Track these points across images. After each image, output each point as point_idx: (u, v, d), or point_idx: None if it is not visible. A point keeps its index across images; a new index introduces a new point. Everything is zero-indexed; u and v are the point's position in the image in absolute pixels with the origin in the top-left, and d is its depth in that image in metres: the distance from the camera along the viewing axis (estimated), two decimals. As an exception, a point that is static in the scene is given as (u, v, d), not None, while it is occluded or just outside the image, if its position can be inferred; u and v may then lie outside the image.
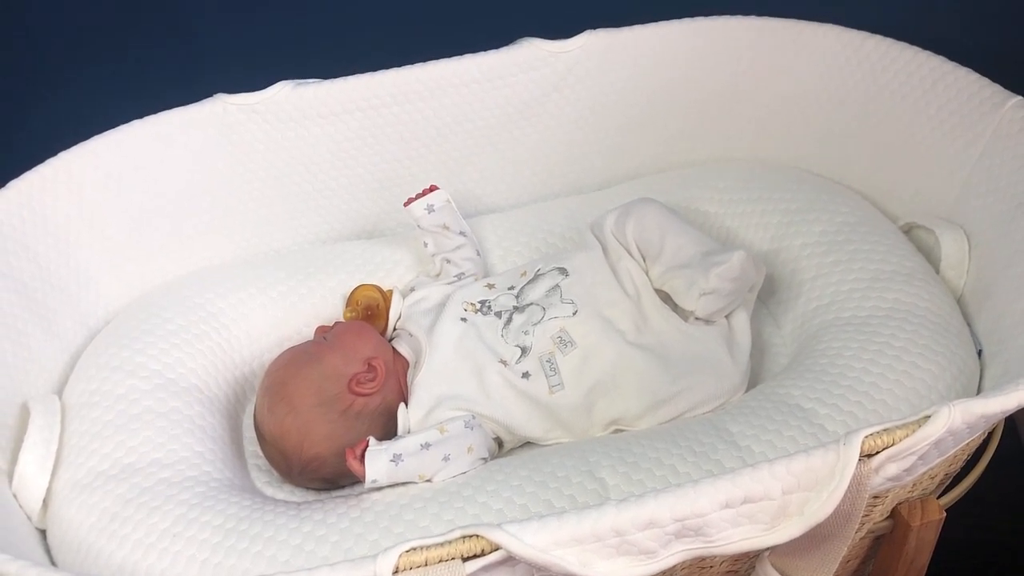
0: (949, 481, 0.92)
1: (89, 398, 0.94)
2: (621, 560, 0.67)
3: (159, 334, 1.01)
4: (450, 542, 0.65)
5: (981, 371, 0.96)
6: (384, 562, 0.64)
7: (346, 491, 0.96)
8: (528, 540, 0.65)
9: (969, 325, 1.00)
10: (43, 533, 0.88)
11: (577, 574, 0.66)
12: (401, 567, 0.64)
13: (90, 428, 0.91)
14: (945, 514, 0.86)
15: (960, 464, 0.90)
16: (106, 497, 0.85)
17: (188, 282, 1.09)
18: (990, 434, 0.93)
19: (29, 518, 0.87)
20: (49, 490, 0.88)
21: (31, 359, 0.96)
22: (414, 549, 0.65)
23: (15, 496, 0.86)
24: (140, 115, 1.04)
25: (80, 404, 0.94)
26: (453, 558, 0.65)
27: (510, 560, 0.66)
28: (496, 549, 0.65)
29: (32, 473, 0.87)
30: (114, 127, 1.03)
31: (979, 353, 0.97)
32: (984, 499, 0.97)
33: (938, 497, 0.89)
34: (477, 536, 0.65)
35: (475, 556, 0.65)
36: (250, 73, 1.09)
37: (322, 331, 1.02)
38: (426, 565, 0.64)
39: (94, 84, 1.22)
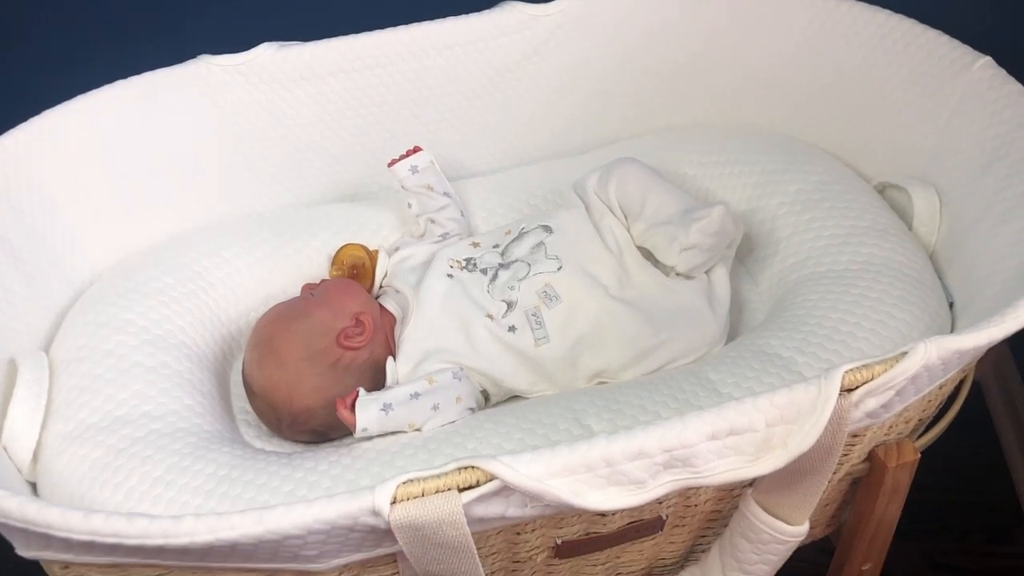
0: (922, 428, 0.95)
1: (77, 354, 0.94)
2: (612, 490, 0.69)
3: (146, 292, 1.01)
4: (446, 473, 0.67)
5: (953, 322, 0.99)
6: (382, 493, 0.65)
7: (336, 442, 0.97)
8: (522, 470, 0.66)
9: (940, 278, 1.03)
10: (33, 486, 0.88)
11: (569, 502, 0.67)
12: (399, 498, 0.65)
13: (79, 382, 0.91)
14: (920, 455, 0.90)
15: (933, 409, 0.94)
16: (97, 448, 0.86)
17: (173, 242, 1.09)
18: (958, 387, 0.96)
19: (19, 471, 0.87)
20: (39, 443, 0.88)
21: (16, 316, 0.95)
22: (411, 481, 0.66)
23: (4, 449, 0.86)
24: (124, 76, 1.04)
25: (68, 360, 0.94)
26: (449, 489, 0.66)
27: (504, 490, 0.67)
28: (491, 480, 0.67)
29: (21, 426, 0.87)
30: (97, 87, 1.03)
31: (951, 305, 1.00)
32: (950, 458, 1.00)
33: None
34: (473, 467, 0.67)
35: (470, 487, 0.67)
36: (234, 35, 1.10)
37: (309, 288, 1.03)
38: (423, 496, 0.66)
39: (79, 43, 1.22)
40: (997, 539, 1.42)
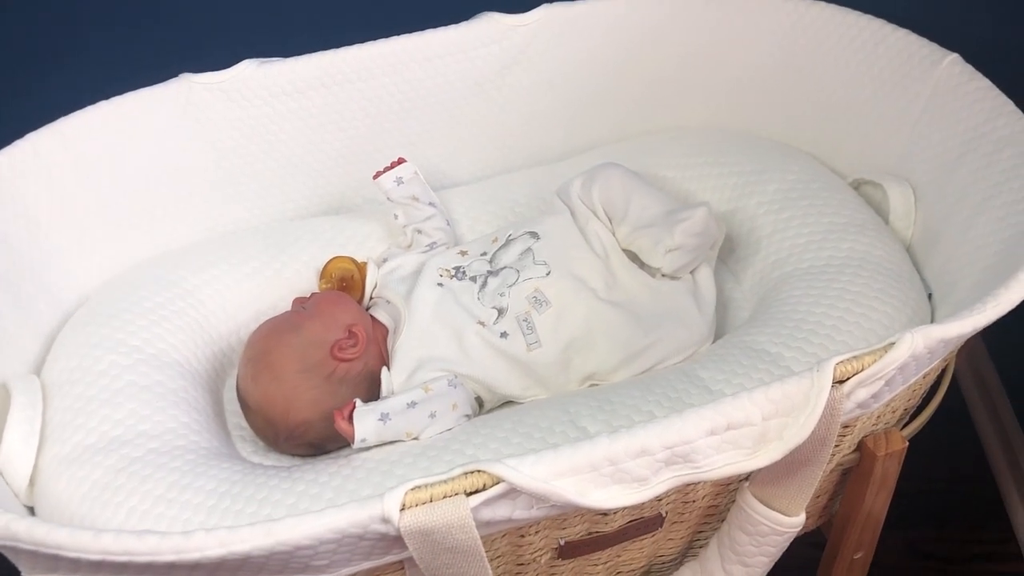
0: (907, 417, 0.97)
1: (70, 375, 0.94)
2: (615, 488, 0.70)
3: (136, 312, 1.01)
4: (453, 478, 0.67)
5: (932, 313, 1.01)
6: (391, 500, 0.66)
7: (333, 454, 0.97)
8: (527, 472, 0.67)
9: (918, 271, 1.05)
10: (31, 511, 0.88)
11: (575, 502, 0.69)
12: (407, 504, 0.66)
13: (73, 404, 0.91)
14: (907, 443, 0.92)
15: (917, 399, 0.96)
16: (96, 469, 0.86)
17: (160, 261, 1.09)
18: (940, 376, 0.98)
19: (16, 496, 0.86)
20: (35, 467, 0.87)
21: (6, 340, 0.95)
22: (419, 487, 0.67)
23: (1, 474, 0.86)
24: (105, 96, 1.04)
25: (61, 382, 0.94)
26: (457, 494, 0.67)
27: (511, 493, 0.68)
28: (497, 483, 0.68)
29: (17, 450, 0.86)
30: (80, 108, 1.03)
31: (929, 296, 1.03)
32: (927, 448, 1.02)
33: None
34: (479, 471, 0.68)
35: (477, 491, 0.68)
36: (214, 53, 1.10)
37: (300, 302, 1.03)
38: (431, 501, 0.67)
39: (58, 65, 1.22)
40: (976, 527, 1.45)
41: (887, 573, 1.08)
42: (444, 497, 0.67)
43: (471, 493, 0.67)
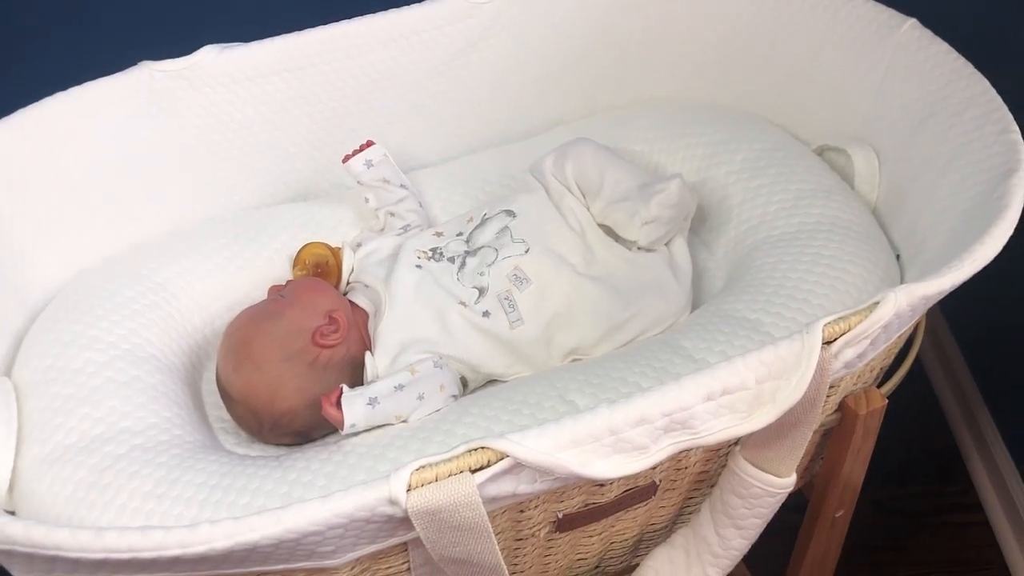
0: (882, 375, 1.00)
1: (44, 375, 0.91)
2: (617, 457, 0.71)
3: (108, 307, 0.98)
4: (458, 456, 0.67)
5: (901, 273, 1.03)
6: (397, 481, 0.65)
7: (320, 441, 0.97)
8: (531, 445, 0.68)
9: (885, 233, 1.08)
10: (13, 515, 0.85)
11: (579, 473, 0.69)
12: (413, 484, 0.66)
13: (50, 404, 0.89)
14: (887, 401, 0.94)
15: (891, 357, 0.98)
16: (79, 469, 0.84)
17: (129, 254, 1.07)
18: (912, 337, 1.01)
19: (-4, 500, 0.84)
20: (14, 470, 0.85)
21: (-28, 342, 0.93)
22: (424, 467, 0.67)
23: (-22, 480, 0.84)
24: (63, 87, 1.01)
25: (35, 382, 0.91)
26: (462, 471, 0.67)
27: (515, 468, 0.69)
28: (502, 459, 0.68)
29: (-6, 454, 0.85)
30: (37, 100, 1.00)
31: (897, 257, 1.05)
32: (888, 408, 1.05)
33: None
34: (483, 448, 0.68)
35: (482, 468, 0.68)
36: (172, 39, 1.08)
37: (276, 290, 1.02)
38: (436, 480, 0.66)
39: (13, 58, 1.18)
40: (938, 482, 1.50)
41: (857, 531, 1.11)
42: (450, 475, 0.67)
43: (476, 470, 0.67)
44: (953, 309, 1.56)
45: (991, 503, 1.45)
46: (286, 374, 0.93)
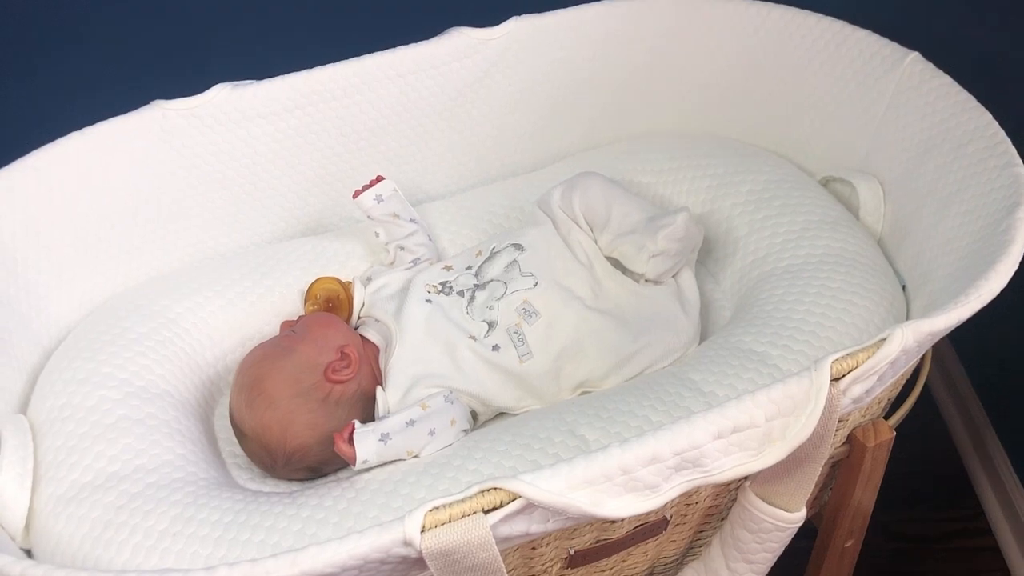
0: (889, 406, 1.00)
1: (59, 413, 0.92)
2: (628, 496, 0.72)
3: (121, 344, 1.00)
4: (471, 497, 0.68)
5: (908, 304, 1.04)
6: (411, 523, 0.66)
7: (333, 477, 0.97)
8: (544, 486, 0.68)
9: (891, 264, 1.08)
10: (28, 553, 0.86)
11: (591, 513, 0.70)
12: (427, 526, 0.67)
13: (65, 442, 0.90)
14: (895, 433, 0.95)
15: (899, 388, 0.99)
16: (95, 507, 0.84)
17: (141, 291, 1.08)
18: (918, 368, 1.01)
19: (13, 539, 0.85)
20: (31, 508, 0.86)
21: (-11, 381, 0.94)
22: (437, 508, 0.67)
23: (-5, 518, 0.85)
24: (77, 127, 1.03)
25: (50, 420, 0.92)
26: (475, 512, 0.68)
27: (528, 508, 0.69)
28: (514, 499, 0.68)
29: (12, 493, 0.85)
30: (51, 140, 1.01)
31: (903, 288, 1.06)
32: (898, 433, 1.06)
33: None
34: (495, 488, 0.68)
35: (495, 508, 0.68)
36: (184, 79, 1.09)
37: (288, 325, 1.03)
38: (450, 521, 0.67)
39: (27, 98, 1.19)
40: (945, 507, 1.50)
41: (866, 555, 1.12)
42: (463, 516, 0.67)
43: (489, 511, 0.68)
44: (960, 334, 1.56)
45: (1000, 528, 1.45)
46: (298, 410, 0.94)
